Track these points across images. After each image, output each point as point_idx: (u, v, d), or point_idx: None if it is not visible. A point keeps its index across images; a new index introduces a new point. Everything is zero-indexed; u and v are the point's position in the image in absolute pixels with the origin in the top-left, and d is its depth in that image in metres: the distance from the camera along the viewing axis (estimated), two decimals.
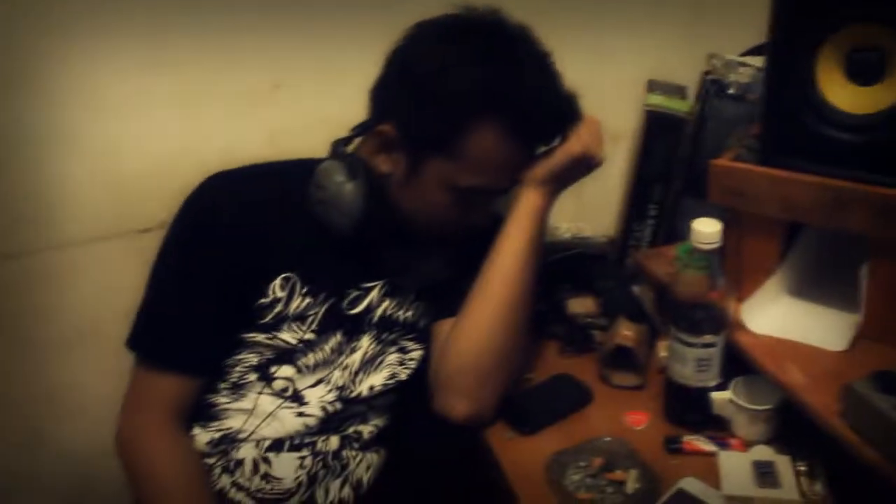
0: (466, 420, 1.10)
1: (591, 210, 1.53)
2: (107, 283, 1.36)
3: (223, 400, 1.12)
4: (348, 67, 1.19)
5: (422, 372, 1.17)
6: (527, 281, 1.10)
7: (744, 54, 1.42)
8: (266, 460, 1.11)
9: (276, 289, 1.07)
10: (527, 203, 1.10)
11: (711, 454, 1.07)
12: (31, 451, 1.43)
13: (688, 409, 1.12)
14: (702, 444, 1.08)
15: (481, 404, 1.10)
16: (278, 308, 1.07)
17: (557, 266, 1.38)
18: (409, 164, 1.03)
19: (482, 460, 1.14)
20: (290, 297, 1.08)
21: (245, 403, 1.11)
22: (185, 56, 1.25)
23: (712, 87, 1.40)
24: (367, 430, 1.17)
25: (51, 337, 1.37)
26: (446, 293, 1.15)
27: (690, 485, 0.99)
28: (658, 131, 1.42)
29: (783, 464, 1.01)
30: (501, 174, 1.05)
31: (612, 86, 1.47)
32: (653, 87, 1.47)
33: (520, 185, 1.09)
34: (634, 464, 1.03)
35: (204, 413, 1.12)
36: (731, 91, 1.38)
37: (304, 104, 1.35)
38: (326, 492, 1.14)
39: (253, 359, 1.10)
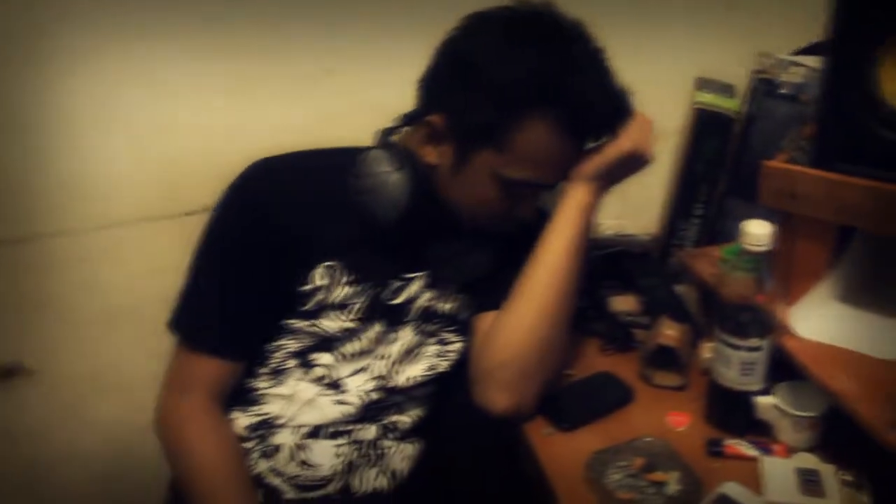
0: (506, 413, 1.09)
1: (635, 207, 1.51)
2: (151, 263, 1.37)
3: (262, 385, 1.13)
4: (398, 55, 1.20)
5: (461, 364, 1.17)
6: (572, 277, 1.09)
7: (796, 53, 1.39)
8: (303, 447, 1.12)
9: (319, 276, 1.07)
10: (574, 199, 1.09)
11: (753, 459, 1.05)
12: (72, 425, 1.45)
13: (731, 413, 1.10)
14: (744, 448, 1.06)
15: (522, 398, 1.10)
16: (320, 296, 1.07)
17: (600, 263, 1.37)
18: (457, 156, 1.02)
19: (520, 455, 1.13)
20: (332, 286, 1.08)
21: (284, 389, 1.12)
22: (237, 41, 1.26)
23: (763, 87, 1.38)
24: (404, 420, 1.17)
25: (95, 315, 1.39)
26: (488, 286, 1.14)
27: (732, 490, 0.98)
28: (707, 130, 1.40)
29: (828, 473, 1.00)
30: (550, 169, 1.04)
31: (657, 83, 1.45)
32: (701, 85, 1.45)
33: (568, 180, 1.08)
34: (676, 465, 1.02)
35: (243, 397, 1.13)
36: (782, 91, 1.35)
37: (352, 91, 1.35)
38: (362, 480, 1.14)
39: (293, 345, 1.10)
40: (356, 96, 1.34)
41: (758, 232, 1.01)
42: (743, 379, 1.07)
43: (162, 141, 1.30)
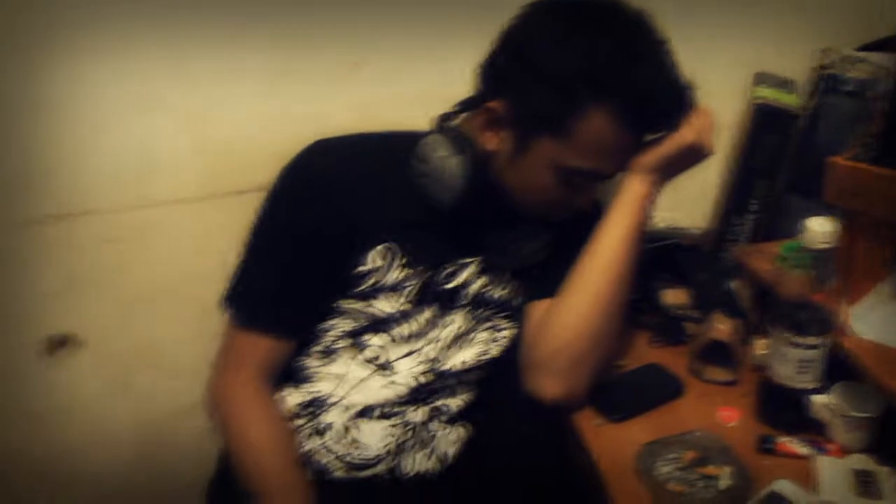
0: (557, 401, 1.10)
1: (687, 201, 1.50)
2: (198, 243, 1.39)
3: (314, 363, 1.14)
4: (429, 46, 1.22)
5: (512, 350, 1.17)
6: (627, 268, 1.09)
7: (861, 49, 1.37)
8: (354, 426, 1.13)
9: (376, 258, 1.08)
10: (633, 190, 1.08)
11: (805, 458, 1.04)
12: (117, 398, 1.47)
13: (784, 410, 1.09)
14: (796, 446, 1.05)
15: (573, 387, 1.10)
16: (376, 277, 1.08)
17: (651, 255, 1.36)
18: (517, 143, 1.02)
19: (567, 443, 1.14)
20: (388, 267, 1.08)
21: (336, 369, 1.13)
22: (273, 29, 1.26)
23: (826, 83, 1.36)
24: (454, 404, 1.18)
25: (141, 292, 1.40)
26: (542, 274, 1.14)
27: (784, 487, 0.97)
28: (766, 125, 1.38)
29: (884, 475, 0.98)
30: (610, 158, 1.03)
31: (713, 76, 1.43)
32: (761, 79, 1.43)
33: (626, 171, 1.08)
34: (728, 460, 1.02)
35: (295, 375, 1.15)
36: (847, 87, 1.33)
37: (389, 79, 1.35)
38: (412, 462, 1.15)
39: (346, 325, 1.11)
40: (392, 84, 1.34)
41: (820, 229, 1.00)
42: (799, 377, 1.06)
43: (202, 124, 1.31)
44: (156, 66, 1.24)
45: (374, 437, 1.13)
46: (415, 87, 1.33)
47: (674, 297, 1.32)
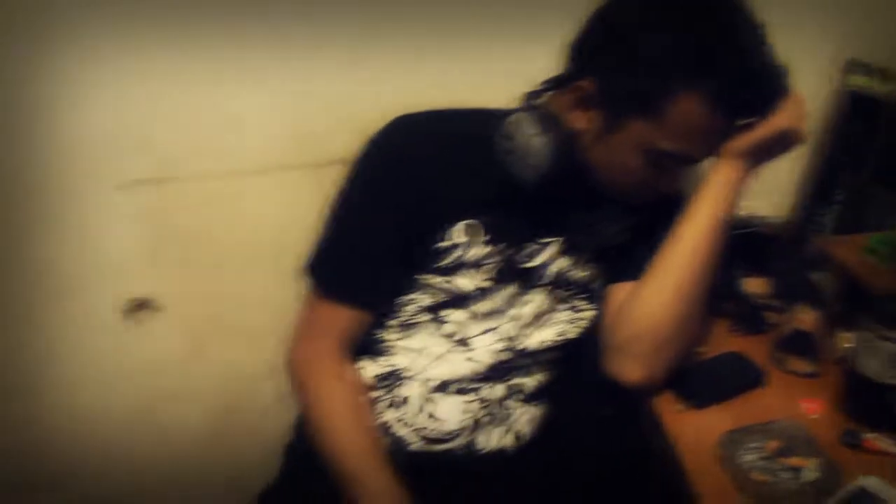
0: (637, 385, 1.09)
1: (768, 189, 1.47)
2: (282, 211, 1.40)
3: (392, 337, 1.15)
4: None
5: (590, 332, 1.16)
6: (713, 253, 1.07)
7: None
8: (431, 400, 1.14)
9: (458, 234, 1.08)
10: (723, 175, 1.06)
11: (892, 455, 1.02)
12: (192, 362, 1.50)
13: (871, 405, 1.07)
14: (884, 443, 1.03)
15: (654, 371, 1.09)
16: (458, 253, 1.08)
17: (731, 242, 1.33)
18: (606, 123, 1.01)
19: (645, 427, 1.13)
20: (470, 244, 1.08)
21: (414, 343, 1.14)
22: (362, 1, 1.27)
23: None
24: (530, 382, 1.18)
25: (223, 258, 1.42)
26: (623, 257, 1.13)
27: (873, 484, 0.95)
28: (857, 114, 1.34)
29: None
30: (701, 142, 1.01)
31: (801, 62, 1.41)
32: (852, 67, 1.39)
33: (717, 155, 1.06)
34: (814, 452, 1.00)
35: (371, 348, 1.16)
36: None
37: (475, 57, 1.34)
38: (489, 438, 1.16)
39: (426, 300, 1.12)
40: (477, 62, 1.33)
41: None
42: (889, 372, 1.03)
43: (296, 95, 1.32)
44: (249, 38, 1.25)
45: (452, 412, 1.14)
46: (499, 64, 1.32)
47: (754, 285, 1.30)
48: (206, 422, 1.56)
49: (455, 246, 1.08)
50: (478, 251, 1.09)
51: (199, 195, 1.35)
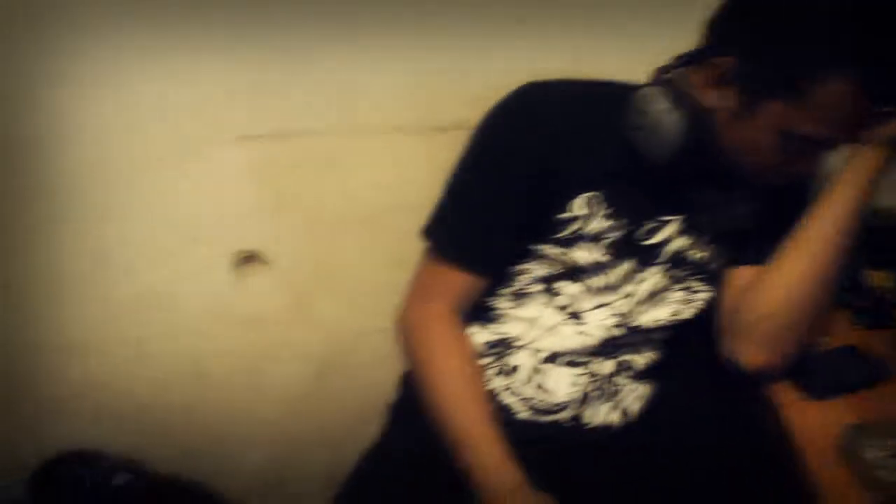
0: (758, 369, 1.07)
1: (890, 180, 1.41)
2: (395, 174, 1.42)
3: (504, 305, 1.14)
4: None
5: (705, 314, 1.14)
6: (846, 241, 1.03)
7: None
8: (540, 371, 1.14)
9: (579, 206, 1.06)
10: (863, 162, 1.01)
11: None
12: (295, 319, 1.54)
13: None
14: None
15: (776, 357, 1.07)
16: (577, 225, 1.07)
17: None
18: (743, 102, 0.97)
19: (758, 414, 1.10)
20: (590, 217, 1.07)
21: (525, 312, 1.13)
22: None
23: None
24: (640, 360, 1.17)
25: (334, 216, 1.45)
26: (745, 241, 1.10)
27: None
28: None
29: None
30: (844, 128, 0.96)
31: None
32: None
33: (857, 142, 1.01)
34: None
35: (483, 314, 1.16)
36: None
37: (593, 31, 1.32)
38: (597, 412, 1.15)
39: (541, 270, 1.11)
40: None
41: None
42: None
43: (419, 58, 1.32)
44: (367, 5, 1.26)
45: (561, 384, 1.14)
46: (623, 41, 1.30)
47: (881, 278, 1.25)
48: (312, 375, 1.59)
49: (575, 218, 1.07)
50: (597, 225, 1.07)
51: (319, 152, 1.37)
